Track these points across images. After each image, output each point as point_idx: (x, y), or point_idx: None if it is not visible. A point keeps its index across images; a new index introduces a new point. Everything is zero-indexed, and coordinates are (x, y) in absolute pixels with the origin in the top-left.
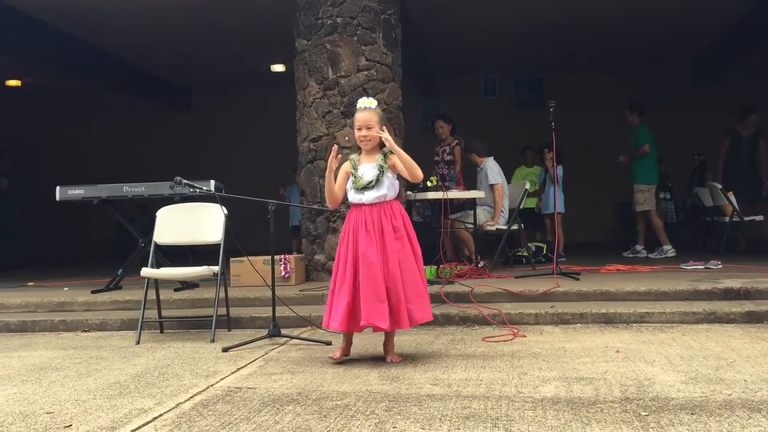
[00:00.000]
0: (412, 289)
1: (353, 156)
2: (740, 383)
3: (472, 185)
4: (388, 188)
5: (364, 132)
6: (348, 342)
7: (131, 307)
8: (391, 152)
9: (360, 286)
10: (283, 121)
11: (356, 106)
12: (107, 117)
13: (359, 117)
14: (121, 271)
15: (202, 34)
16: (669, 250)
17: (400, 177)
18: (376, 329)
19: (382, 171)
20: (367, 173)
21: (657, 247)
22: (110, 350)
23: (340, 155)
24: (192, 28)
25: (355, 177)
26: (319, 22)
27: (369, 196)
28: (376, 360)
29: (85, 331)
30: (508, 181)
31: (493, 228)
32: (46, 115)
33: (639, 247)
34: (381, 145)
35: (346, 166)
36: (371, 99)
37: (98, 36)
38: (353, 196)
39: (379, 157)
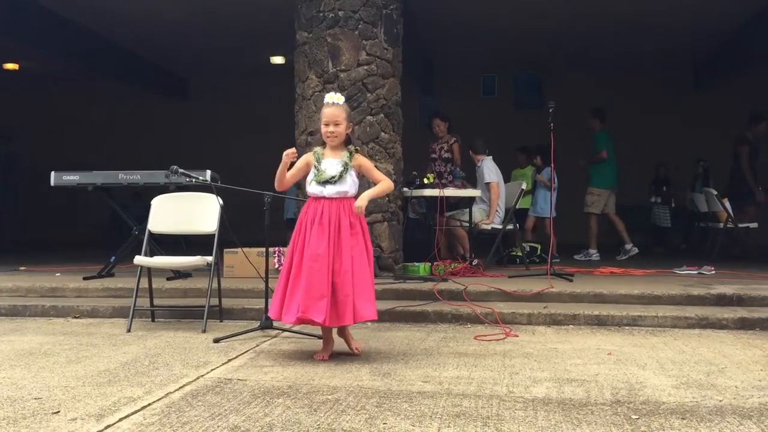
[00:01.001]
0: (362, 286)
1: (317, 149)
2: (731, 389)
3: (472, 183)
4: (350, 186)
5: (331, 128)
6: (328, 339)
7: (123, 295)
8: (357, 150)
9: (302, 279)
10: (281, 114)
11: (324, 100)
12: (105, 104)
13: (327, 112)
14: (113, 258)
15: (202, 22)
16: (594, 254)
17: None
18: (313, 323)
19: (346, 168)
20: (330, 168)
21: (583, 250)
22: (101, 337)
23: (296, 155)
24: (192, 17)
25: (317, 170)
26: (321, 14)
27: (330, 191)
28: (368, 356)
29: (76, 317)
30: (506, 182)
31: (489, 227)
32: (44, 100)
33: (592, 251)
34: (347, 141)
35: (309, 157)
36: (339, 95)
37: (98, 22)
38: (314, 188)
39: (344, 154)
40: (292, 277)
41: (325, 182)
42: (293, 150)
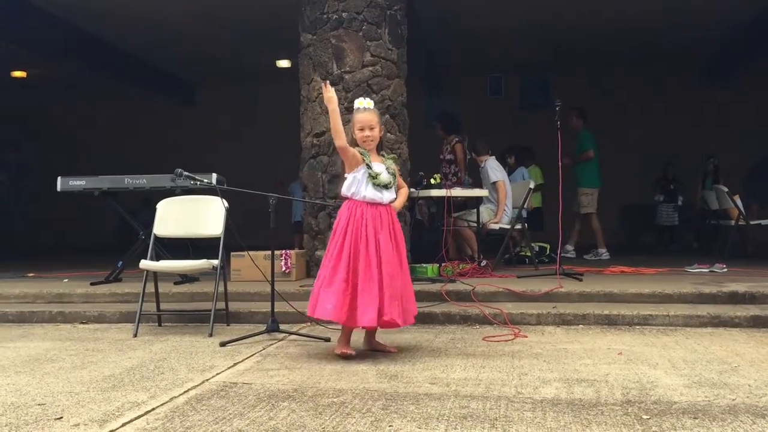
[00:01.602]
0: (408, 288)
1: (360, 149)
2: (744, 388)
3: (477, 184)
4: (395, 193)
5: (367, 132)
6: (348, 337)
7: (130, 300)
8: (391, 159)
9: (384, 285)
10: (287, 117)
11: (354, 106)
12: (111, 110)
13: (361, 118)
14: (121, 263)
15: (208, 27)
16: (603, 253)
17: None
18: (390, 325)
19: (394, 176)
20: (384, 174)
21: (592, 249)
22: (107, 342)
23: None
24: (198, 22)
25: (373, 173)
26: (325, 16)
27: (387, 197)
28: (375, 358)
29: (83, 323)
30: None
31: (497, 227)
32: (51, 106)
33: (569, 247)
34: (379, 146)
35: (357, 152)
36: (368, 99)
37: (103, 28)
38: (372, 192)
39: (388, 161)
40: (364, 282)
41: (383, 187)
42: (327, 84)
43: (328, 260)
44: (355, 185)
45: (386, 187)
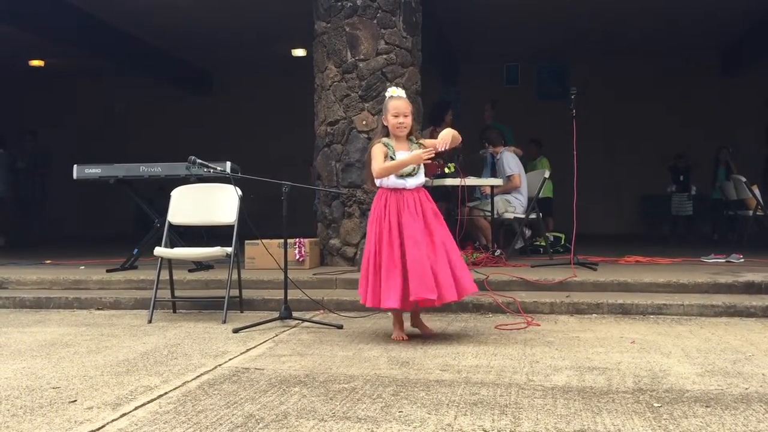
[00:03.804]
0: (460, 263)
1: (385, 140)
2: (758, 377)
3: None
4: (424, 176)
5: (401, 119)
6: (401, 322)
7: (145, 287)
8: (420, 142)
9: (408, 266)
10: (302, 106)
11: (386, 94)
12: (129, 99)
13: (395, 104)
14: (136, 250)
15: (225, 16)
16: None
17: None
18: (424, 303)
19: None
20: None
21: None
22: (122, 328)
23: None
24: (215, 11)
25: None
26: (339, 4)
27: (411, 183)
28: (387, 344)
29: (98, 309)
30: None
31: (511, 216)
32: (68, 95)
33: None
34: (410, 132)
35: (383, 149)
36: (400, 89)
37: (121, 17)
38: (394, 181)
39: (413, 146)
40: (387, 265)
41: (406, 176)
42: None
43: (366, 250)
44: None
45: (410, 175)
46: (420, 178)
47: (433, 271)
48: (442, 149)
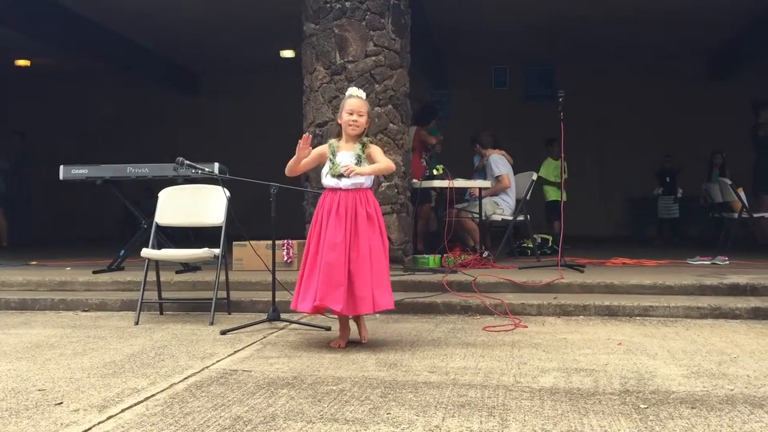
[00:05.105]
0: (380, 275)
1: (332, 141)
2: (743, 378)
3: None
4: (366, 178)
5: (355, 117)
6: (344, 327)
7: (132, 288)
8: (371, 142)
9: (320, 268)
10: (291, 107)
11: (347, 93)
12: (116, 99)
13: (353, 102)
14: (123, 252)
15: (213, 16)
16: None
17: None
18: (331, 312)
19: (359, 160)
20: (345, 161)
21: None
22: (108, 330)
23: (310, 146)
24: (203, 12)
25: (332, 163)
26: (328, 5)
27: (345, 183)
28: (375, 347)
29: (84, 310)
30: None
31: (499, 219)
32: (55, 95)
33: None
34: (361, 134)
35: (323, 149)
36: (361, 90)
37: (108, 17)
38: (329, 181)
39: (357, 146)
40: (308, 267)
41: (340, 175)
42: (307, 135)
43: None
44: (322, 176)
45: (344, 174)
46: (358, 179)
47: (350, 277)
48: (347, 175)
